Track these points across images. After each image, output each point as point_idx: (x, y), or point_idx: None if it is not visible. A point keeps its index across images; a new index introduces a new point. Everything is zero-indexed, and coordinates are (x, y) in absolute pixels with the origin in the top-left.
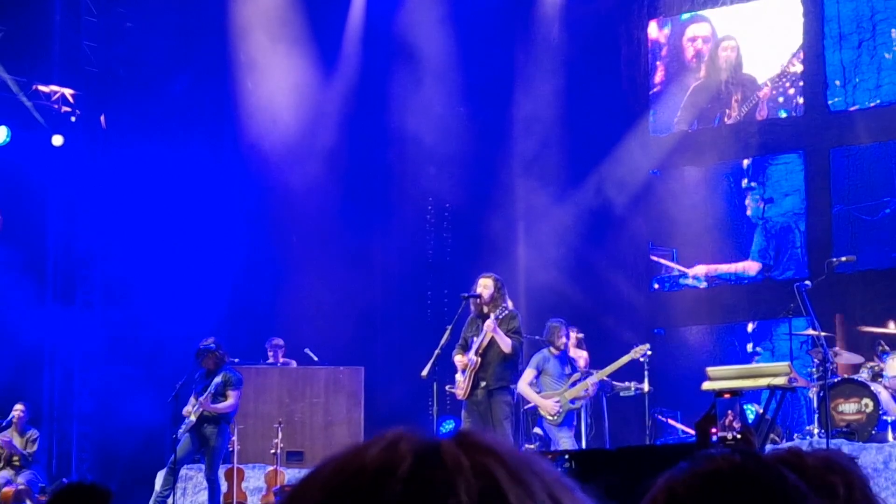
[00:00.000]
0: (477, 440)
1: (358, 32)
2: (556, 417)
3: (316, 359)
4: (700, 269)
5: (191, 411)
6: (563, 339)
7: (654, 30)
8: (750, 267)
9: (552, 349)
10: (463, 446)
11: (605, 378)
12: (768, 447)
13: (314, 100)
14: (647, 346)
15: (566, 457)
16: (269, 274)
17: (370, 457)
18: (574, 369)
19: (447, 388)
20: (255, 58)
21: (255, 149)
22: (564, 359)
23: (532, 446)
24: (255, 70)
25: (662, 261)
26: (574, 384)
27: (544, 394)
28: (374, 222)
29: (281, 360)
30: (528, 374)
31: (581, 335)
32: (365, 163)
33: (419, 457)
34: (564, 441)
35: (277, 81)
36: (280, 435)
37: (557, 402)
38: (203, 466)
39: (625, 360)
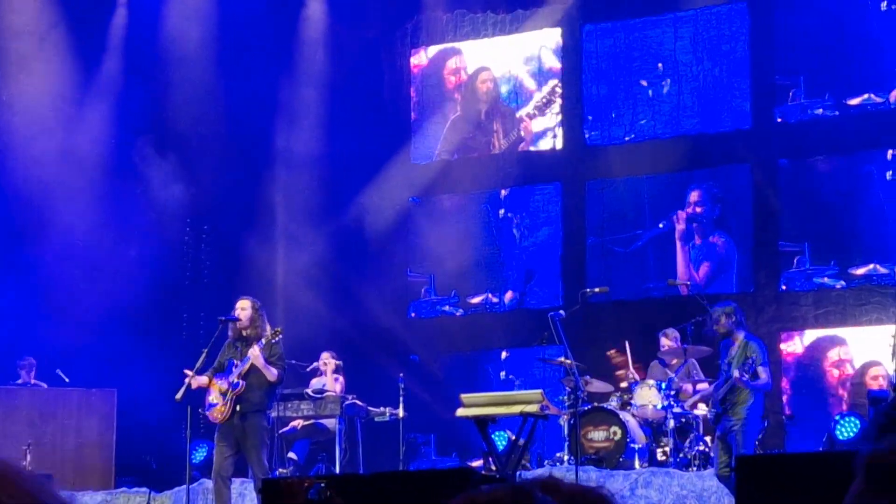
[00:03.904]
0: None
1: (120, 47)
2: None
3: (67, 380)
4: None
5: None
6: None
7: (417, 58)
8: (505, 296)
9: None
10: None
11: (358, 403)
12: (519, 473)
13: (72, 113)
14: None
15: (322, 484)
16: (19, 289)
17: None
18: (728, 370)
19: (200, 410)
20: (11, 67)
21: (7, 156)
22: (724, 351)
23: (285, 471)
24: (10, 79)
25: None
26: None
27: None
28: (131, 241)
29: (32, 380)
30: None
31: (339, 361)
32: (124, 175)
33: None
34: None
35: (35, 91)
36: (29, 457)
37: None
38: None
39: None
